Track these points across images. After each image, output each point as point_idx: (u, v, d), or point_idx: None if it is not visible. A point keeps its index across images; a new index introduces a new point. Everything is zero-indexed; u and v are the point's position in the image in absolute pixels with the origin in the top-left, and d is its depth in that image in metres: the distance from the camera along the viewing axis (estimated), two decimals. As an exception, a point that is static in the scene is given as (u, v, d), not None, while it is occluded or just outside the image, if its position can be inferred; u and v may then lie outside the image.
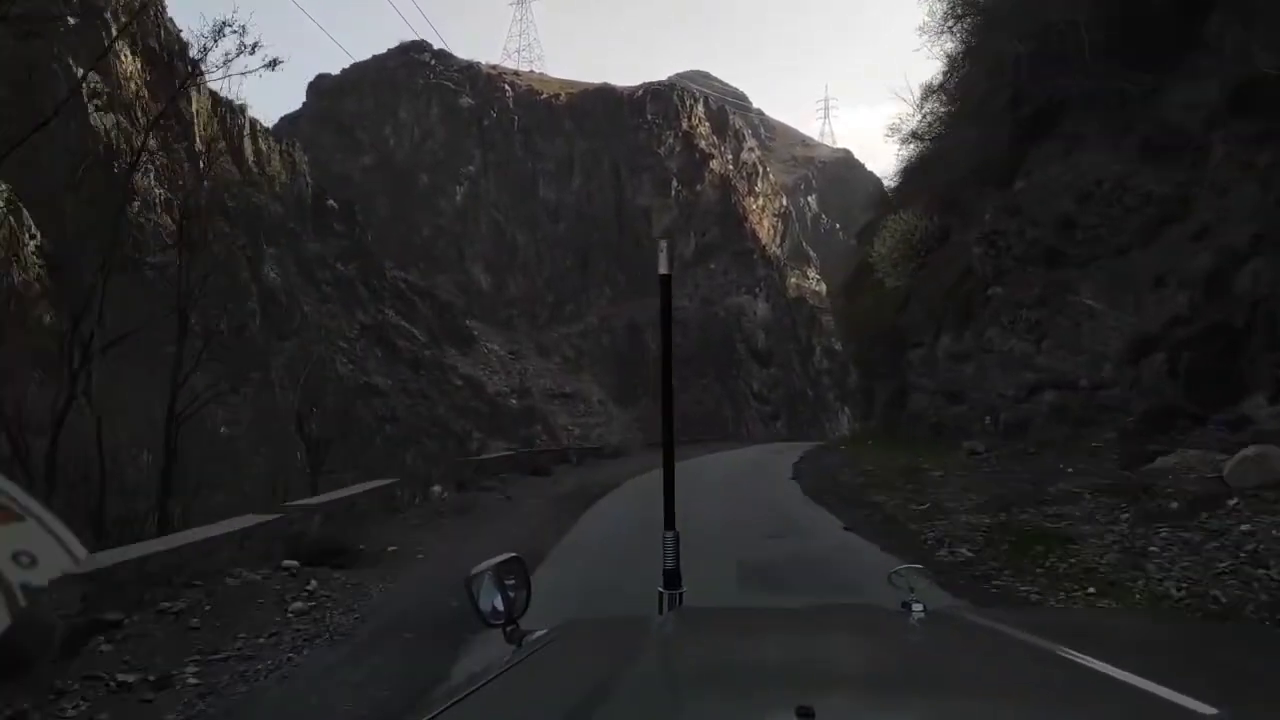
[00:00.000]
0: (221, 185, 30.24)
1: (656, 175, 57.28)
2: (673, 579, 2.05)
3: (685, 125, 60.69)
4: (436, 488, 14.55)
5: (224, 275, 28.66)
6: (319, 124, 61.32)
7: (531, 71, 66.16)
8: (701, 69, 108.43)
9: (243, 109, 33.35)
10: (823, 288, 77.68)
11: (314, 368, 29.75)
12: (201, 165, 28.86)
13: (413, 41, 61.77)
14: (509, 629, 1.68)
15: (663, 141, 59.02)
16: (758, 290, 53.40)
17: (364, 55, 70.55)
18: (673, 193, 56.94)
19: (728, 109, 76.46)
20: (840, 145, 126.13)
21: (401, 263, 52.69)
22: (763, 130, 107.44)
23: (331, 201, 36.55)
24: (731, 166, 65.84)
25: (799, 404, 54.77)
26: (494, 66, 64.49)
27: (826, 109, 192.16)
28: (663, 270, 2.17)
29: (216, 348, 28.14)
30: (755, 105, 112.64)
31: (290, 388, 29.17)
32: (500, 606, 1.73)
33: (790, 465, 18.08)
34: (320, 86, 62.93)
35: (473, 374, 37.84)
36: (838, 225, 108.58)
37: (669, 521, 2.13)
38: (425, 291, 40.52)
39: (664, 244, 2.29)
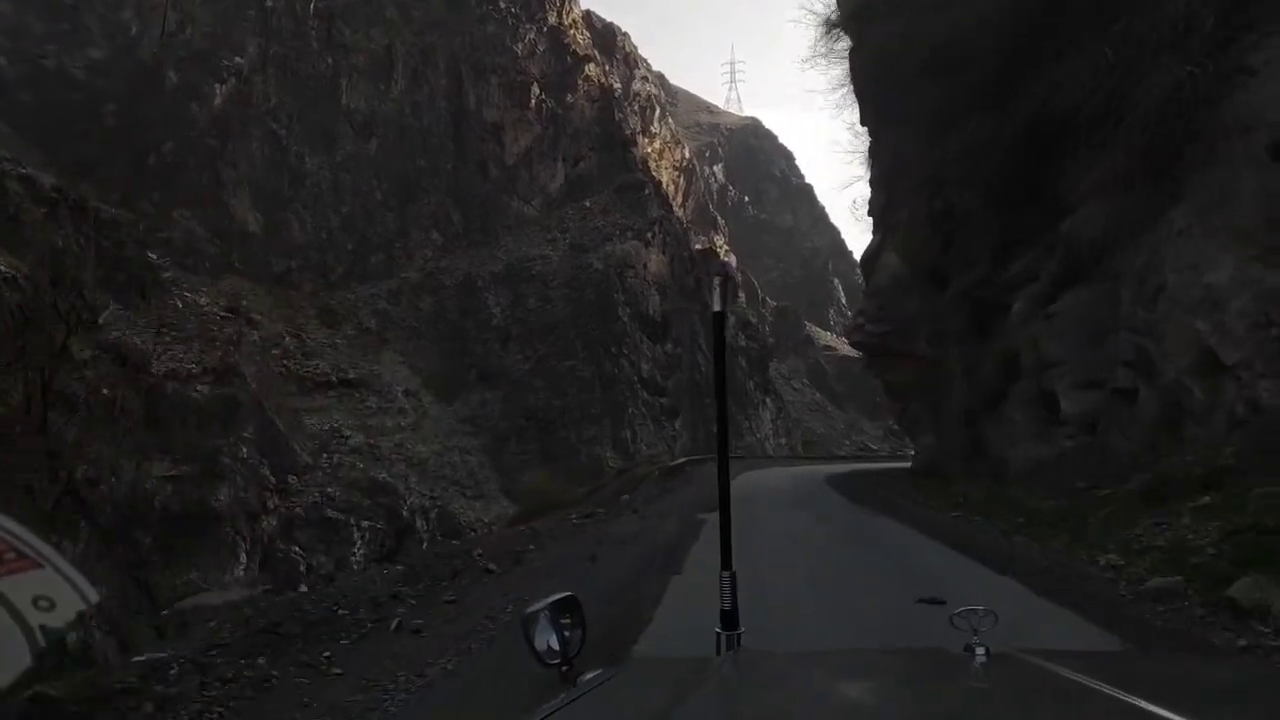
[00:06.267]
0: None
1: (510, 79, 41.19)
2: (730, 620, 1.97)
3: (554, 20, 44.86)
4: None
5: None
6: (28, 2, 42.74)
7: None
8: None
9: None
10: (733, 259, 63.53)
11: None
12: None
13: (173, -104, 43.75)
14: (564, 669, 1.66)
15: (521, 37, 43.01)
16: (650, 235, 37.97)
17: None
18: (533, 102, 40.95)
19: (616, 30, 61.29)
20: (748, 114, 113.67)
21: (128, 189, 35.03)
22: (663, 94, 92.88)
23: None
24: (619, 88, 50.43)
25: (708, 397, 39.68)
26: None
27: (733, 72, 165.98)
28: (715, 308, 2.07)
29: None
30: (656, 69, 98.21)
31: None
32: (556, 646, 1.71)
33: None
34: (34, -48, 44.10)
35: (132, 341, 20.93)
36: (746, 198, 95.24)
37: (726, 561, 2.03)
38: (72, 202, 23.22)
39: (717, 280, 2.21)
